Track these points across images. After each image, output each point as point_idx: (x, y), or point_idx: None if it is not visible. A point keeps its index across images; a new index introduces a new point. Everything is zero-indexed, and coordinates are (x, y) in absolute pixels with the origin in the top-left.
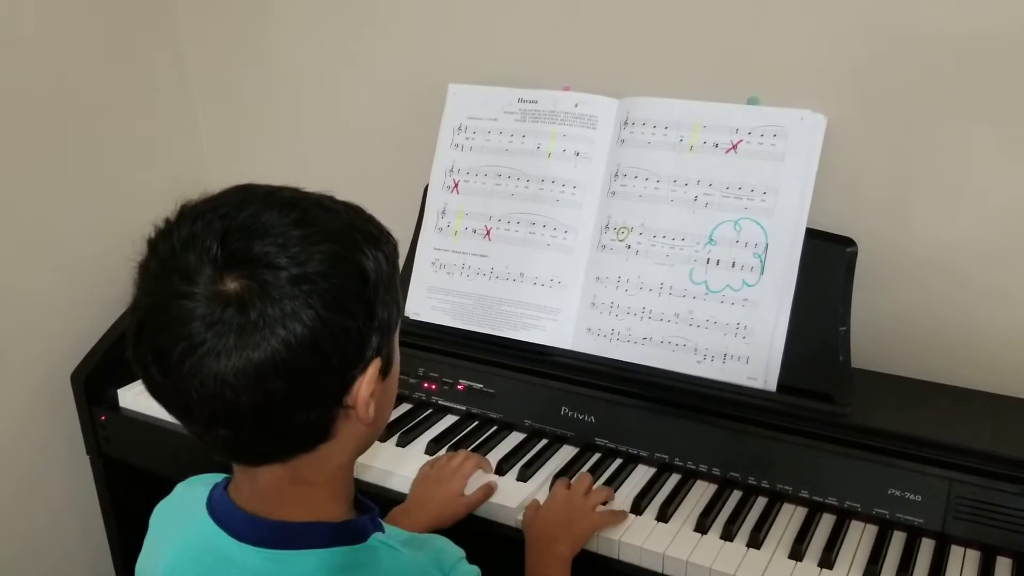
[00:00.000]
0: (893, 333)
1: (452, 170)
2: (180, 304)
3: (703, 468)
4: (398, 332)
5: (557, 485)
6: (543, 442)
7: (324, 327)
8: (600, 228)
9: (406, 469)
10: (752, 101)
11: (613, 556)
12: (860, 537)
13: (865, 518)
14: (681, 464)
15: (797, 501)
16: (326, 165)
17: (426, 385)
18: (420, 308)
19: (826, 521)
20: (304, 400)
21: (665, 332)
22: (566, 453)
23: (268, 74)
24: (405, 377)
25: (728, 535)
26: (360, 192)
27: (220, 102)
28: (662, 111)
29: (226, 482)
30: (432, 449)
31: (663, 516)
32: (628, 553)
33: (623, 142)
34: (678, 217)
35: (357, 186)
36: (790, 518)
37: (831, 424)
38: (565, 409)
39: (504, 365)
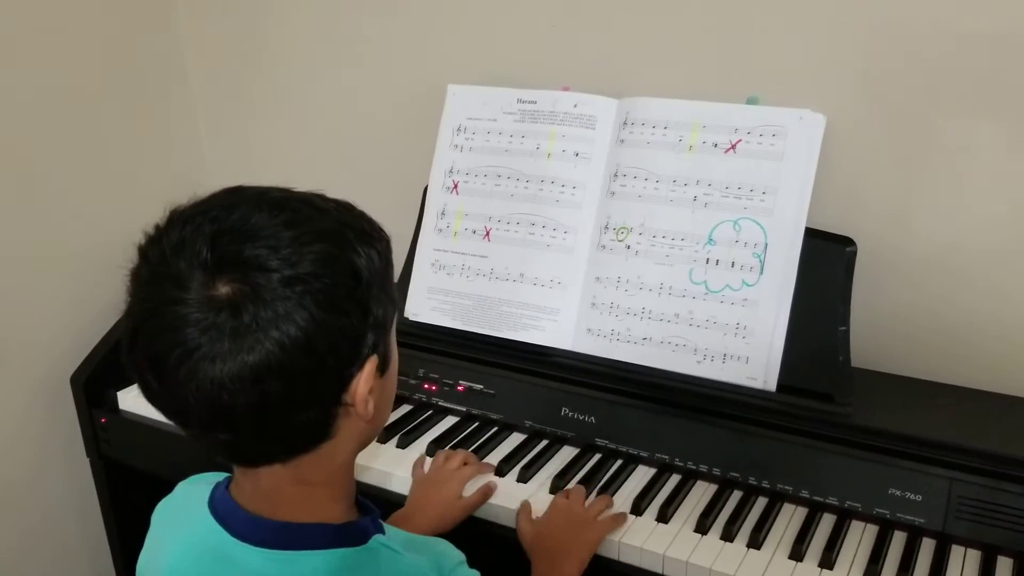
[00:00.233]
0: (893, 332)
1: (452, 171)
2: (173, 310)
3: (703, 468)
4: (394, 328)
5: (559, 494)
6: (543, 443)
7: (318, 327)
8: (600, 228)
9: (406, 471)
10: (751, 101)
11: (613, 557)
12: (861, 537)
13: (866, 518)
14: (681, 464)
15: (797, 501)
16: (326, 165)
17: (426, 386)
18: (420, 309)
19: (826, 521)
20: (302, 400)
21: (665, 332)
22: (566, 454)
23: (268, 75)
24: (405, 378)
25: (728, 535)
26: (360, 193)
27: (221, 103)
28: (661, 111)
29: (228, 481)
30: (433, 450)
31: (663, 517)
32: (628, 554)
33: (622, 142)
34: (677, 217)
35: (357, 186)
36: (790, 518)
37: (831, 424)
38: (565, 410)
39: (504, 366)
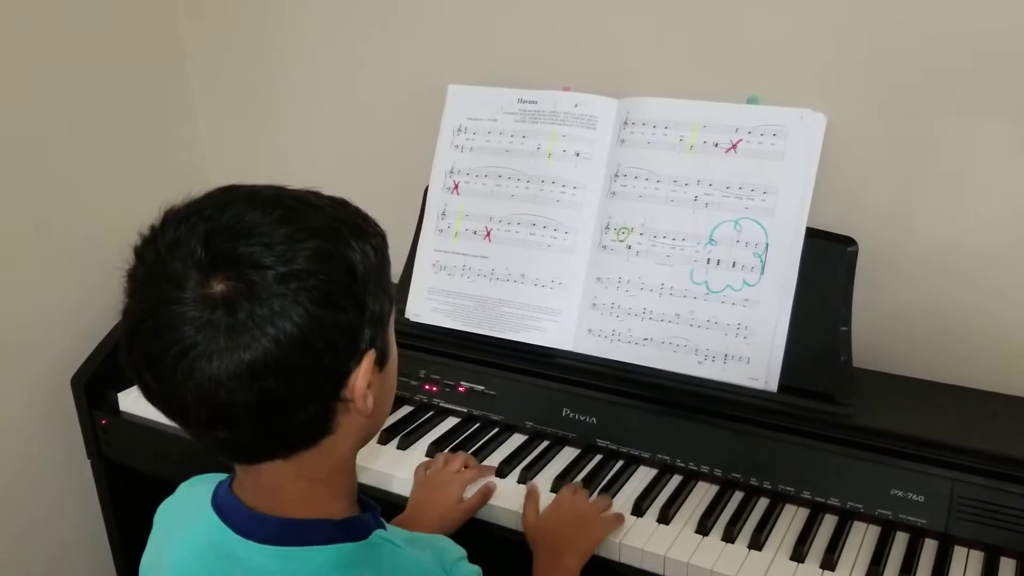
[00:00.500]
0: (894, 333)
1: (452, 171)
2: (169, 309)
3: (704, 469)
4: (392, 323)
5: (564, 489)
6: (544, 444)
7: (314, 323)
8: (600, 229)
9: (407, 472)
10: (752, 101)
11: (614, 558)
12: (862, 538)
13: (867, 519)
14: (682, 465)
15: (799, 502)
16: (326, 166)
17: (427, 387)
18: (421, 310)
19: (828, 522)
20: (300, 397)
21: (666, 333)
22: (568, 455)
23: (268, 75)
24: (406, 379)
25: (730, 536)
26: (360, 193)
27: (221, 103)
28: (662, 111)
29: (230, 480)
30: (433, 452)
31: (664, 518)
32: (629, 555)
33: (623, 142)
34: (678, 217)
35: (357, 187)
36: (792, 519)
37: (833, 424)
38: (566, 411)
39: (505, 367)
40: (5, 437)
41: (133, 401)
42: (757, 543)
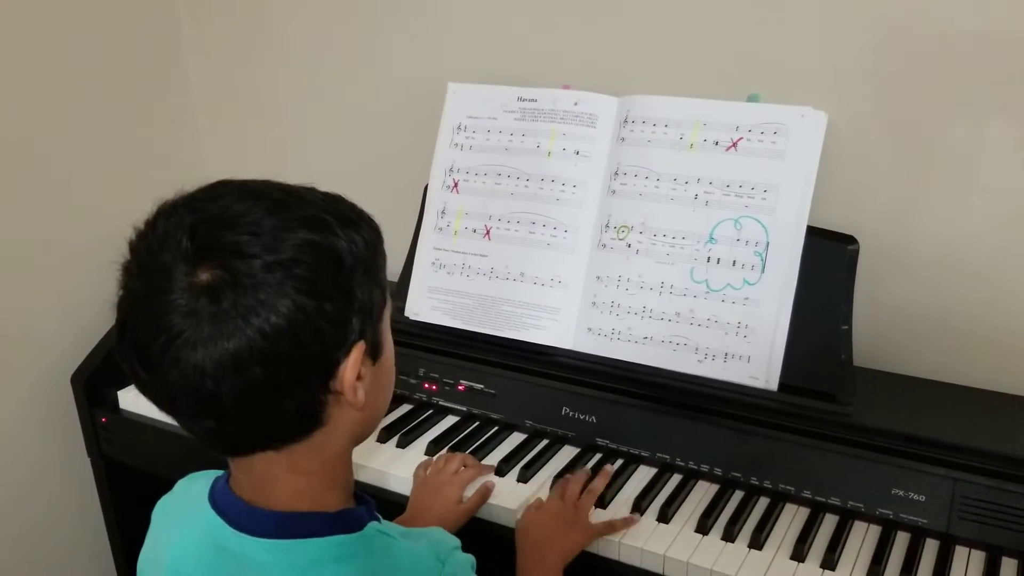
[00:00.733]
0: (896, 331)
1: (452, 169)
2: (158, 299)
3: (704, 468)
4: (387, 318)
5: (554, 491)
6: (544, 443)
7: (300, 313)
8: (600, 227)
9: (406, 471)
10: (753, 99)
11: (613, 557)
12: (863, 538)
13: (868, 518)
14: (682, 464)
15: (799, 501)
16: (326, 164)
17: (427, 386)
18: (420, 308)
19: (829, 522)
20: (287, 386)
21: (666, 331)
22: (567, 454)
23: (268, 74)
24: (405, 378)
25: (729, 536)
26: (360, 191)
27: (221, 103)
28: (662, 109)
29: (227, 475)
30: (432, 450)
31: (664, 517)
32: (628, 554)
33: (623, 140)
34: (678, 215)
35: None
36: (792, 519)
37: (833, 424)
38: (566, 409)
39: (505, 365)
40: (5, 435)
41: (133, 399)
42: (757, 542)
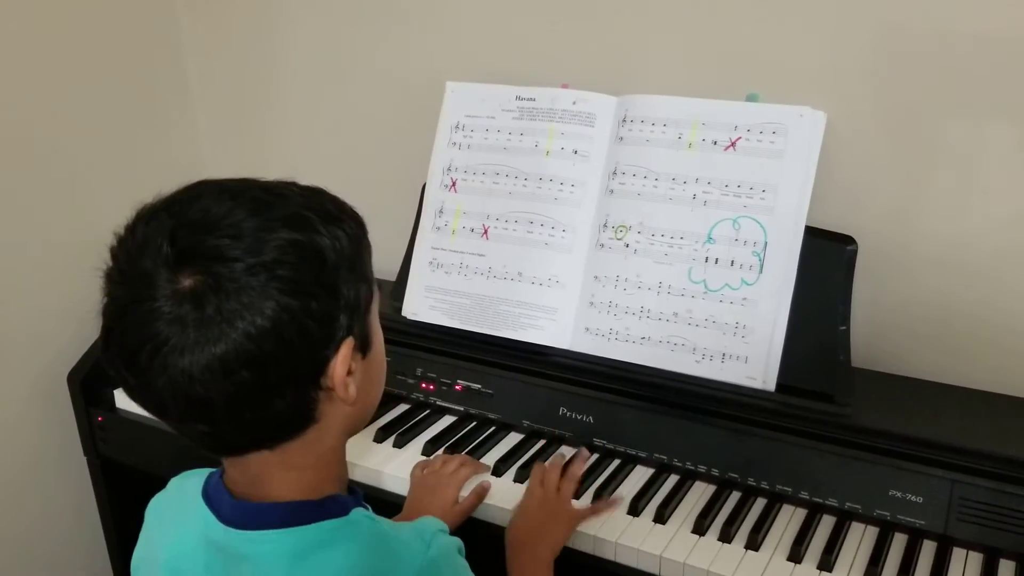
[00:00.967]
0: (896, 331)
1: (450, 168)
2: (142, 306)
3: (701, 469)
4: (375, 310)
5: (532, 479)
6: (541, 443)
7: (285, 313)
8: (598, 227)
9: (403, 470)
10: (752, 98)
11: (609, 558)
12: (860, 539)
13: (866, 520)
14: (679, 465)
15: (796, 502)
16: (324, 163)
17: (424, 385)
18: (418, 308)
19: (826, 523)
20: (277, 387)
21: (663, 332)
22: (564, 454)
23: (267, 74)
24: (403, 378)
25: (726, 537)
26: (358, 191)
27: (220, 103)
28: (661, 108)
29: (221, 472)
30: (429, 450)
31: (660, 517)
32: (625, 555)
33: (621, 140)
34: (677, 215)
35: (355, 184)
36: (789, 519)
37: (831, 424)
38: (563, 409)
39: (502, 365)
40: (1, 434)
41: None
42: (754, 543)
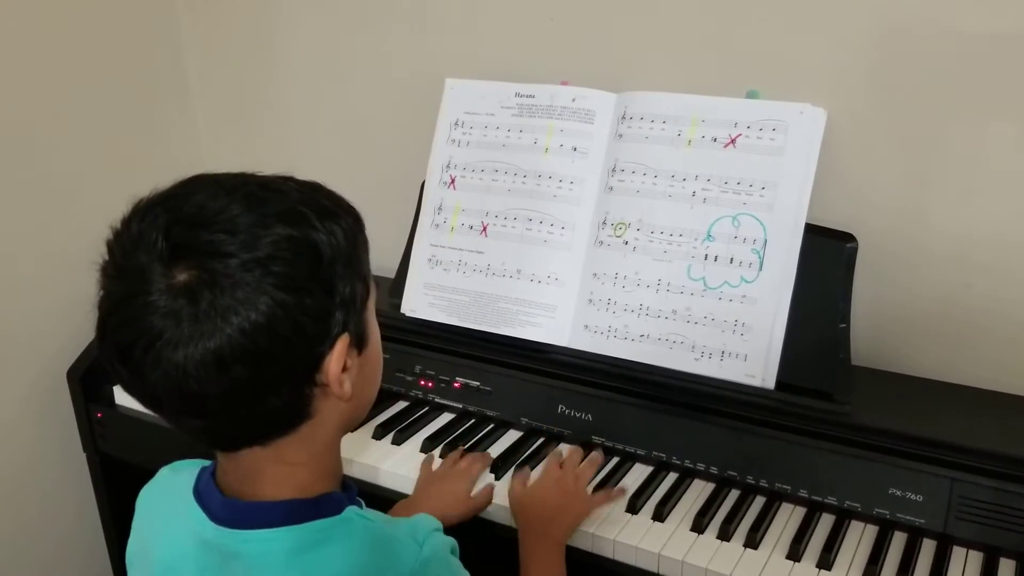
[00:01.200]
0: (898, 329)
1: (449, 166)
2: (136, 301)
3: (700, 467)
4: (372, 306)
5: (549, 462)
6: (540, 440)
7: (280, 309)
8: (597, 224)
9: (400, 467)
10: (752, 95)
11: (608, 556)
12: (860, 537)
13: (865, 518)
14: (678, 463)
15: (796, 501)
16: (323, 161)
17: (422, 383)
18: (416, 305)
19: (825, 521)
20: (271, 383)
21: (663, 329)
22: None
23: (267, 73)
24: (401, 375)
25: (725, 535)
26: (357, 189)
27: (220, 100)
28: (660, 105)
29: (213, 467)
30: (428, 447)
31: (659, 515)
32: (623, 553)
33: (621, 137)
34: (676, 213)
35: (354, 182)
36: (788, 518)
37: (830, 422)
38: (562, 407)
39: (501, 363)
40: (1, 431)
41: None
42: (753, 542)
